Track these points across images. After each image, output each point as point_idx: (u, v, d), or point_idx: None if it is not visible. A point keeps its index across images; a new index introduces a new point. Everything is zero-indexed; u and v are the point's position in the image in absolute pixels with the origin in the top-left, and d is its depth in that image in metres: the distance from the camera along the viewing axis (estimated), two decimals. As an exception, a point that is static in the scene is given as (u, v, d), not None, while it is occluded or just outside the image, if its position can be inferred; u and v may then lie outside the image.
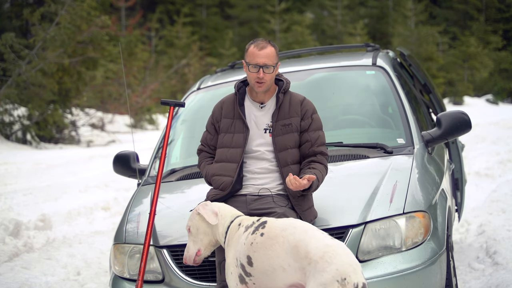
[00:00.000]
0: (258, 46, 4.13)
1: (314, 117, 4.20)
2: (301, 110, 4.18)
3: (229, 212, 3.89)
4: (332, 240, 3.49)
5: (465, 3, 49.30)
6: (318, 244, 3.44)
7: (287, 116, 4.16)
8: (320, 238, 3.48)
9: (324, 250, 3.41)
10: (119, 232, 4.62)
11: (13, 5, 23.86)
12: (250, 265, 3.63)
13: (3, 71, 18.57)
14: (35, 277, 6.46)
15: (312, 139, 4.15)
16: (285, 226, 3.61)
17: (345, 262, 3.38)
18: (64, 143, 21.18)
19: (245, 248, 3.66)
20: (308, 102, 4.24)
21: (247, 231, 3.71)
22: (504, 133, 18.59)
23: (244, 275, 3.66)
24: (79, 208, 9.69)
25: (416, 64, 6.44)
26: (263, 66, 4.09)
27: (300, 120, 4.16)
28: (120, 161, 5.54)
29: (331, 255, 3.39)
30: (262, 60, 4.09)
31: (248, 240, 3.66)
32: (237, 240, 3.73)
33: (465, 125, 4.99)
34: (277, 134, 4.14)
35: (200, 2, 48.38)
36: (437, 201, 4.47)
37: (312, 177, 3.92)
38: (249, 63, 4.11)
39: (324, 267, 3.37)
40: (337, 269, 3.35)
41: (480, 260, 6.34)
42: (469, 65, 43.11)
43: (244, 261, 3.66)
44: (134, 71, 27.90)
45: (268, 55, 4.11)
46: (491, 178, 11.31)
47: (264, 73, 4.09)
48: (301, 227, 3.58)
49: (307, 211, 4.09)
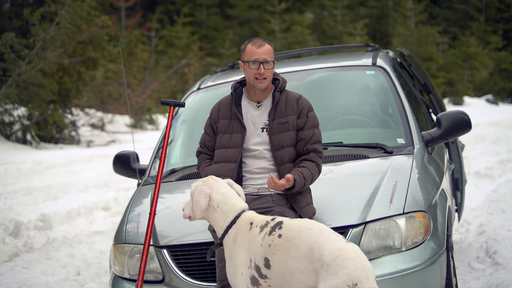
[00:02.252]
0: (256, 44, 4.15)
1: (310, 115, 4.20)
2: (297, 108, 4.19)
3: (232, 206, 3.77)
4: (347, 244, 3.42)
5: (465, 3, 49.28)
6: (332, 247, 3.38)
7: (283, 115, 4.17)
8: (334, 241, 3.42)
9: (337, 254, 3.35)
10: (119, 232, 4.62)
11: (13, 5, 23.84)
12: (267, 267, 3.56)
13: (3, 71, 18.56)
14: (35, 277, 6.46)
15: (307, 137, 4.15)
16: (302, 227, 3.54)
17: (357, 267, 3.32)
18: (64, 143, 21.17)
19: (262, 250, 3.58)
20: (304, 100, 4.24)
21: (263, 231, 3.62)
22: (504, 133, 18.58)
23: (258, 277, 3.59)
24: (79, 208, 9.69)
25: (416, 64, 6.45)
26: (263, 62, 4.10)
27: (296, 118, 4.17)
28: (120, 161, 5.54)
29: (343, 258, 3.33)
30: (262, 56, 4.11)
31: (266, 242, 3.58)
32: (251, 240, 3.64)
33: (465, 125, 4.99)
34: (274, 132, 4.15)
35: (200, 2, 48.36)
36: (437, 201, 4.47)
37: (289, 177, 3.94)
38: (248, 61, 4.12)
39: (336, 271, 3.31)
40: (349, 273, 3.30)
41: (480, 260, 6.34)
42: (469, 65, 43.08)
43: (260, 263, 3.58)
44: (134, 71, 27.89)
45: (267, 51, 4.14)
46: (491, 178, 11.31)
47: (264, 69, 4.10)
48: (317, 228, 3.51)
49: (305, 208, 4.09)
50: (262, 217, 3.73)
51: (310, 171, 4.08)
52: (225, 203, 3.78)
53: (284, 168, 4.13)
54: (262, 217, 3.73)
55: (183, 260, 4.26)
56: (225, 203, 3.78)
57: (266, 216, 3.73)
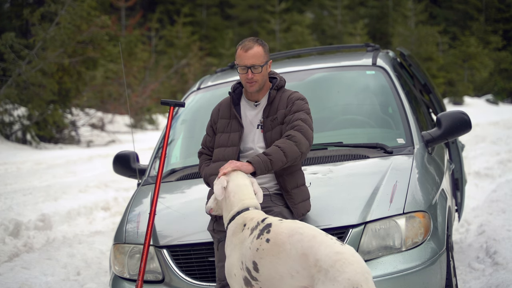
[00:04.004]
0: (245, 47, 4.11)
1: (296, 102, 4.14)
2: (287, 102, 4.16)
3: (239, 201, 3.74)
4: (343, 247, 3.38)
5: (465, 3, 49.29)
6: (328, 251, 3.34)
7: (275, 111, 4.16)
8: (329, 245, 3.38)
9: (335, 258, 3.31)
10: (119, 232, 4.62)
11: (13, 5, 23.84)
12: (256, 271, 3.55)
13: (3, 71, 18.56)
14: (35, 277, 6.46)
15: (289, 120, 4.08)
16: (292, 231, 3.49)
17: (357, 272, 3.29)
18: (64, 143, 21.17)
19: (250, 253, 3.56)
20: (295, 93, 4.20)
21: (252, 234, 3.59)
22: (504, 133, 18.59)
23: (250, 279, 3.58)
24: (79, 208, 9.69)
25: (416, 64, 6.45)
26: (250, 67, 4.08)
27: (284, 111, 4.14)
28: (120, 161, 5.54)
29: (342, 263, 3.30)
30: (249, 61, 4.08)
31: (254, 245, 3.56)
32: (241, 243, 3.64)
33: (465, 125, 4.99)
34: (267, 129, 4.14)
35: (200, 2, 48.37)
36: (437, 201, 4.47)
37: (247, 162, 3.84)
38: (238, 65, 4.12)
39: (336, 276, 3.28)
40: (349, 278, 3.27)
41: (480, 260, 6.34)
42: (469, 65, 43.09)
43: (250, 266, 3.57)
44: (134, 71, 27.90)
45: (255, 55, 4.08)
46: (491, 178, 11.31)
47: (252, 73, 4.08)
48: (308, 233, 3.46)
49: (299, 204, 4.07)
50: (255, 218, 3.67)
51: (277, 146, 3.93)
52: (234, 195, 3.75)
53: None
54: (255, 217, 3.67)
55: (183, 260, 4.26)
56: (234, 195, 3.75)
57: (260, 216, 3.68)
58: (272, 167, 3.89)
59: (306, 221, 4.06)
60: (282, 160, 3.90)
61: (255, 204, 3.76)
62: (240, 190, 3.76)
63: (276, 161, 3.89)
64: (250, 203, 3.74)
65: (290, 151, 3.93)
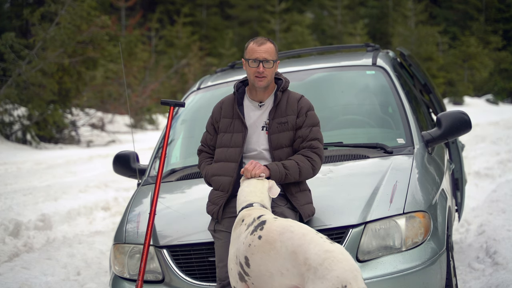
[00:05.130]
0: (258, 42, 4.15)
1: (309, 114, 4.17)
2: (297, 108, 4.17)
3: (244, 197, 3.85)
4: (332, 245, 3.41)
5: (465, 3, 49.30)
6: (317, 250, 3.38)
7: (283, 114, 4.16)
8: (319, 243, 3.41)
9: (324, 257, 3.34)
10: (119, 232, 4.62)
11: (13, 5, 23.86)
12: (247, 266, 3.61)
13: (3, 71, 18.57)
14: (35, 277, 6.46)
15: (303, 135, 4.12)
16: (283, 229, 3.54)
17: (346, 269, 3.31)
18: (64, 143, 21.18)
19: (243, 248, 3.63)
20: (304, 100, 4.22)
21: (247, 229, 3.65)
22: (504, 133, 18.59)
23: (243, 273, 3.64)
24: (79, 208, 9.69)
25: (416, 64, 6.44)
26: (262, 61, 4.09)
27: (295, 118, 4.16)
28: (120, 161, 5.54)
29: (331, 261, 3.32)
30: (262, 54, 4.09)
31: (247, 241, 3.62)
32: (238, 237, 3.70)
33: (465, 125, 4.99)
34: (273, 132, 4.14)
35: (200, 2, 48.38)
36: (437, 201, 4.47)
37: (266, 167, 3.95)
38: (249, 59, 4.12)
39: (324, 274, 3.31)
40: (338, 276, 3.29)
41: (480, 260, 6.34)
42: (469, 65, 43.11)
43: (242, 261, 3.63)
44: (134, 71, 27.92)
45: (268, 50, 4.12)
46: (491, 178, 11.31)
47: (264, 68, 4.09)
48: (299, 231, 3.50)
49: (305, 206, 4.08)
50: (252, 214, 3.73)
51: (297, 163, 4.03)
52: (241, 193, 3.88)
53: None
54: (252, 214, 3.73)
55: (183, 260, 4.26)
56: (241, 193, 3.88)
57: (256, 213, 3.73)
58: (285, 180, 4.02)
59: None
60: (295, 178, 4.04)
61: (260, 201, 3.81)
62: (250, 190, 3.87)
63: (290, 177, 4.02)
64: (253, 199, 3.81)
65: (306, 172, 4.06)
